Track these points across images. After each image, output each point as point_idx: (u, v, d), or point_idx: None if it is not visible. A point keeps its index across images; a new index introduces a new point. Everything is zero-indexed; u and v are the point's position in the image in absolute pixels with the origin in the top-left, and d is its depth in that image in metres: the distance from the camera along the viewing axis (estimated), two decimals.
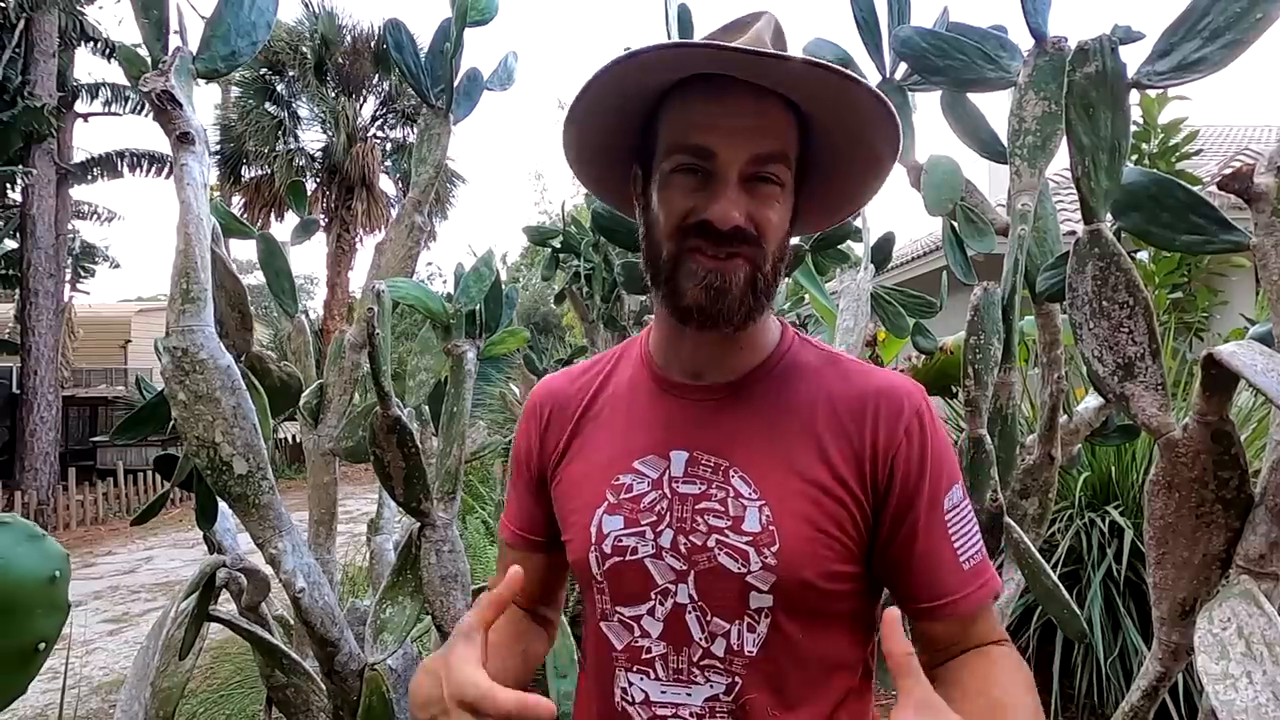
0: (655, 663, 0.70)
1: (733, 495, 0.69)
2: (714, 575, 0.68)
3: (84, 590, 5.98)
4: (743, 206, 0.64)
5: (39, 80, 9.34)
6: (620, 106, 0.69)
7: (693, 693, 0.69)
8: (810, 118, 0.69)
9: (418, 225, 1.54)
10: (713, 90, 0.65)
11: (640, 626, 0.70)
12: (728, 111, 0.64)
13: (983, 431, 1.22)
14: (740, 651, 0.68)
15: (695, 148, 0.65)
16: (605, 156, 0.76)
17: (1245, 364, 0.82)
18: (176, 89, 1.04)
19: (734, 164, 0.64)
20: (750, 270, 0.66)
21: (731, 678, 0.68)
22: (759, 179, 0.65)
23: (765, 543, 0.67)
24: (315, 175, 13.69)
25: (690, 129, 0.65)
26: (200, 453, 1.03)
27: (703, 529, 0.68)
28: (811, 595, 0.67)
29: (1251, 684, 0.77)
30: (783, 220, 0.68)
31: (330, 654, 1.12)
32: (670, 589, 0.69)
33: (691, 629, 0.69)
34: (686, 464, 0.71)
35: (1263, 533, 0.89)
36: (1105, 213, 0.95)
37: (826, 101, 0.66)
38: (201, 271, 1.05)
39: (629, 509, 0.71)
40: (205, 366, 1.03)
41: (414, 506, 1.18)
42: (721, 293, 0.65)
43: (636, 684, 0.70)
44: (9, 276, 10.49)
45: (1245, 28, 0.86)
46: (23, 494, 8.72)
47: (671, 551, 0.69)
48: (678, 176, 0.66)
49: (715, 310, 0.66)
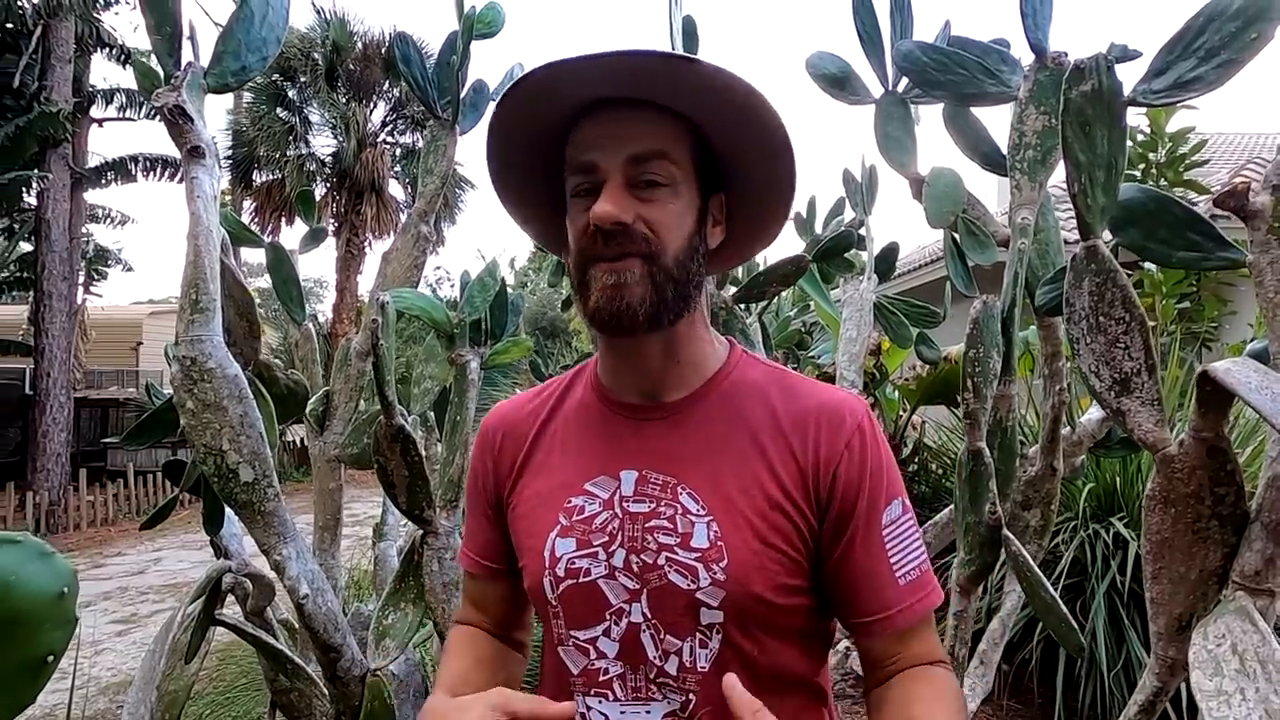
0: (613, 683, 0.70)
1: (681, 512, 0.69)
2: (665, 593, 0.68)
3: (93, 591, 6.03)
4: (627, 206, 0.65)
5: (55, 86, 9.46)
6: (537, 163, 0.73)
7: (651, 710, 0.69)
8: (710, 138, 0.71)
9: (424, 235, 1.56)
10: (596, 114, 0.68)
11: (596, 649, 0.71)
12: (607, 128, 0.67)
13: (981, 444, 1.23)
14: (693, 669, 0.68)
15: (581, 164, 0.68)
16: (542, 211, 0.78)
17: (1240, 381, 0.82)
18: (188, 103, 1.07)
19: (613, 169, 0.66)
20: (645, 267, 0.66)
21: (685, 695, 0.68)
22: (646, 182, 0.66)
23: (714, 558, 0.67)
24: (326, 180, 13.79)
25: (577, 150, 0.68)
26: (207, 460, 1.05)
27: (653, 547, 0.69)
28: (761, 609, 0.67)
29: (1244, 700, 0.77)
30: (680, 219, 0.68)
31: (333, 659, 1.13)
32: (624, 609, 0.69)
33: (646, 648, 0.69)
34: (636, 483, 0.71)
35: (1259, 549, 0.89)
36: (1102, 228, 0.96)
37: (706, 105, 0.67)
38: (211, 282, 1.07)
39: (581, 530, 0.71)
40: (213, 375, 1.04)
41: (417, 514, 1.19)
42: (619, 289, 0.65)
43: (596, 707, 0.70)
44: (23, 279, 10.61)
45: (1240, 47, 0.87)
46: (34, 494, 8.80)
47: (624, 571, 0.69)
48: (575, 200, 0.69)
49: (617, 309, 0.66)
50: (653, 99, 0.67)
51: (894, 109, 1.63)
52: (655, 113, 0.68)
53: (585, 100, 0.68)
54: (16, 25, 9.36)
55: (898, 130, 1.63)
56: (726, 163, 0.73)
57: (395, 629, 1.21)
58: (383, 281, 1.55)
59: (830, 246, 1.81)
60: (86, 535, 8.67)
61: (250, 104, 13.36)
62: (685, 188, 0.69)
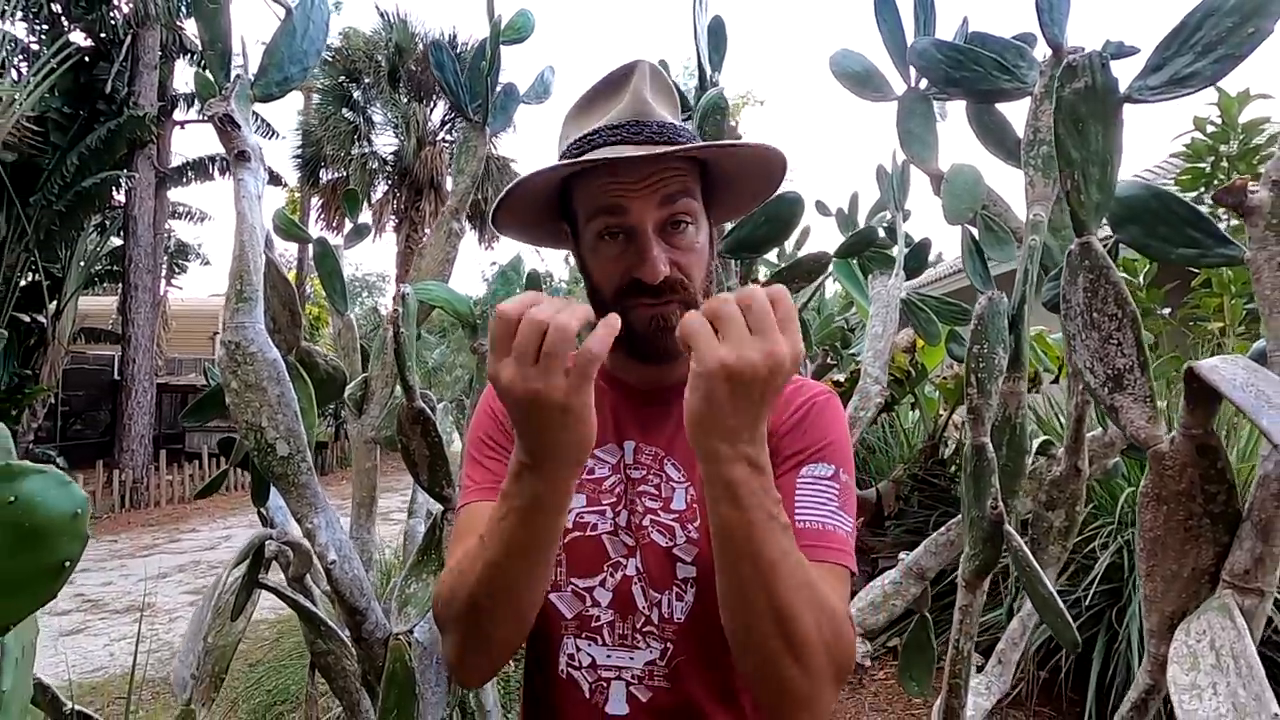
0: (603, 630, 0.77)
1: (665, 480, 0.79)
2: (650, 550, 0.76)
3: (170, 564, 6.46)
4: (665, 259, 0.72)
5: (142, 91, 10.11)
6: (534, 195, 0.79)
7: (635, 657, 0.76)
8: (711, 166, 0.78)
9: (454, 231, 1.65)
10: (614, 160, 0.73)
11: (592, 597, 0.78)
12: (630, 176, 0.73)
13: (985, 440, 1.23)
14: (670, 619, 0.76)
15: (609, 207, 0.73)
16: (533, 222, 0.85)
17: (1224, 378, 0.82)
18: (236, 112, 1.17)
19: (647, 216, 0.72)
20: (684, 311, 0.73)
21: (665, 643, 0.75)
22: (673, 224, 0.74)
23: (689, 519, 0.76)
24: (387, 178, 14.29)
25: (602, 195, 0.74)
26: (249, 435, 1.15)
27: (640, 509, 0.78)
28: None
29: (1215, 695, 0.77)
30: (704, 249, 0.77)
31: (358, 621, 1.23)
32: (621, 563, 0.77)
33: (636, 599, 0.76)
34: (634, 452, 0.80)
35: (1248, 548, 0.89)
36: (1096, 225, 0.96)
37: (714, 154, 0.76)
38: (254, 274, 1.18)
39: (591, 489, 0.79)
40: (255, 359, 1.15)
41: (437, 491, 1.28)
42: (665, 333, 0.73)
43: (584, 649, 0.77)
44: (113, 272, 11.38)
45: (1238, 42, 0.86)
46: (120, 472, 9.46)
47: (626, 529, 0.78)
48: (603, 243, 0.75)
49: (661, 349, 0.75)
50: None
51: (916, 105, 1.63)
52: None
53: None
54: (109, 35, 10.04)
55: (919, 127, 1.63)
56: (721, 180, 0.80)
57: (416, 598, 1.30)
58: (416, 275, 1.65)
59: (853, 243, 1.82)
60: (165, 511, 9.27)
61: (318, 105, 13.96)
62: (700, 215, 0.77)
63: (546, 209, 0.82)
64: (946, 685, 1.37)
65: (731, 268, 1.89)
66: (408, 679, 1.26)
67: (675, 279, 0.73)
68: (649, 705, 0.75)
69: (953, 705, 1.36)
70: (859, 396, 1.94)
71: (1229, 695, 0.76)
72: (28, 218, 9.00)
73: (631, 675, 0.76)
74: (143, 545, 7.35)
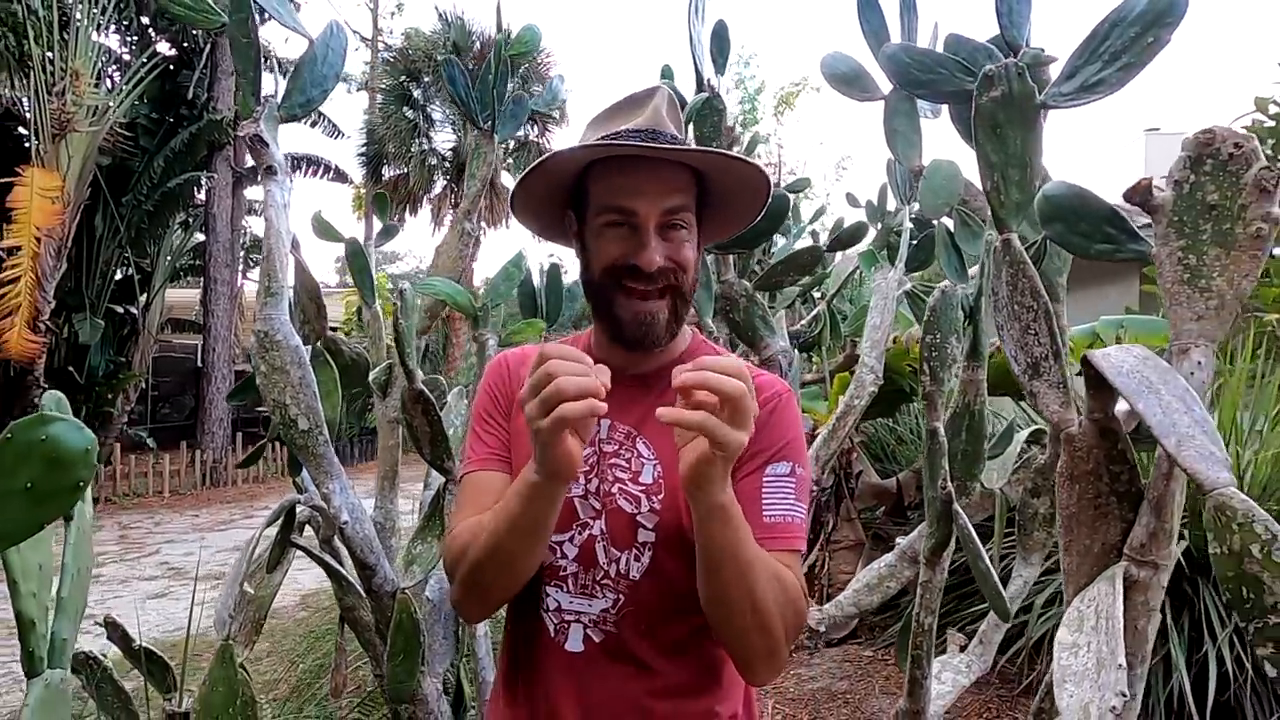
0: (568, 579, 0.90)
1: (635, 455, 0.90)
2: (615, 515, 0.89)
3: (243, 538, 6.96)
4: (662, 251, 0.84)
5: (220, 96, 10.78)
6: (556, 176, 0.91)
7: (592, 604, 0.89)
8: (703, 172, 0.90)
9: (467, 231, 1.81)
10: (628, 163, 0.85)
11: (561, 550, 0.91)
12: (641, 179, 0.85)
13: (938, 424, 1.30)
14: (626, 575, 0.88)
15: (620, 208, 0.85)
16: (546, 208, 0.97)
17: (1112, 365, 0.89)
18: (264, 132, 1.35)
19: (651, 218, 0.84)
20: (673, 302, 0.87)
21: (618, 595, 0.88)
22: (671, 225, 0.86)
23: (654, 491, 0.88)
24: (445, 174, 14.76)
25: (614, 194, 0.86)
26: (275, 411, 1.34)
27: (610, 479, 0.90)
28: (687, 537, 0.83)
29: (1089, 652, 0.85)
30: (694, 251, 0.89)
31: (368, 576, 1.41)
32: (589, 524, 0.90)
33: (598, 555, 0.89)
34: (609, 429, 0.92)
35: (1145, 524, 0.95)
36: (1016, 223, 1.03)
37: (711, 164, 0.87)
38: (280, 272, 1.36)
39: None
40: (280, 345, 1.33)
41: (438, 463, 1.44)
42: (650, 327, 0.86)
43: (552, 594, 0.91)
44: (196, 266, 12.20)
45: (1139, 50, 0.92)
46: (201, 453, 10.19)
47: (595, 495, 0.90)
48: (609, 230, 0.87)
49: (646, 340, 0.87)
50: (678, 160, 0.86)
51: (900, 105, 1.69)
52: (679, 167, 0.87)
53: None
54: (191, 44, 10.75)
55: (903, 125, 1.69)
56: (712, 194, 0.92)
57: (422, 558, 1.47)
58: (434, 270, 1.81)
59: (845, 237, 1.90)
60: (240, 490, 9.95)
61: (381, 105, 14.52)
62: (694, 228, 0.89)
63: (559, 197, 0.94)
64: (910, 657, 1.45)
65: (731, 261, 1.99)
66: (413, 629, 1.43)
67: (668, 268, 0.85)
68: (600, 646, 0.89)
69: (915, 676, 1.44)
70: (855, 385, 2.00)
71: (1094, 651, 0.83)
72: (121, 217, 9.77)
73: (589, 619, 0.89)
74: (220, 520, 7.95)
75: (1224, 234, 0.90)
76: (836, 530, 3.14)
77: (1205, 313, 0.92)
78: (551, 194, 0.94)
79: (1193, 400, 0.86)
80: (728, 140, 1.94)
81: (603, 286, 0.88)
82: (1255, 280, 0.91)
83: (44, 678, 0.74)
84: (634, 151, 0.83)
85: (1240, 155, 0.89)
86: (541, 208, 0.97)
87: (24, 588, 0.70)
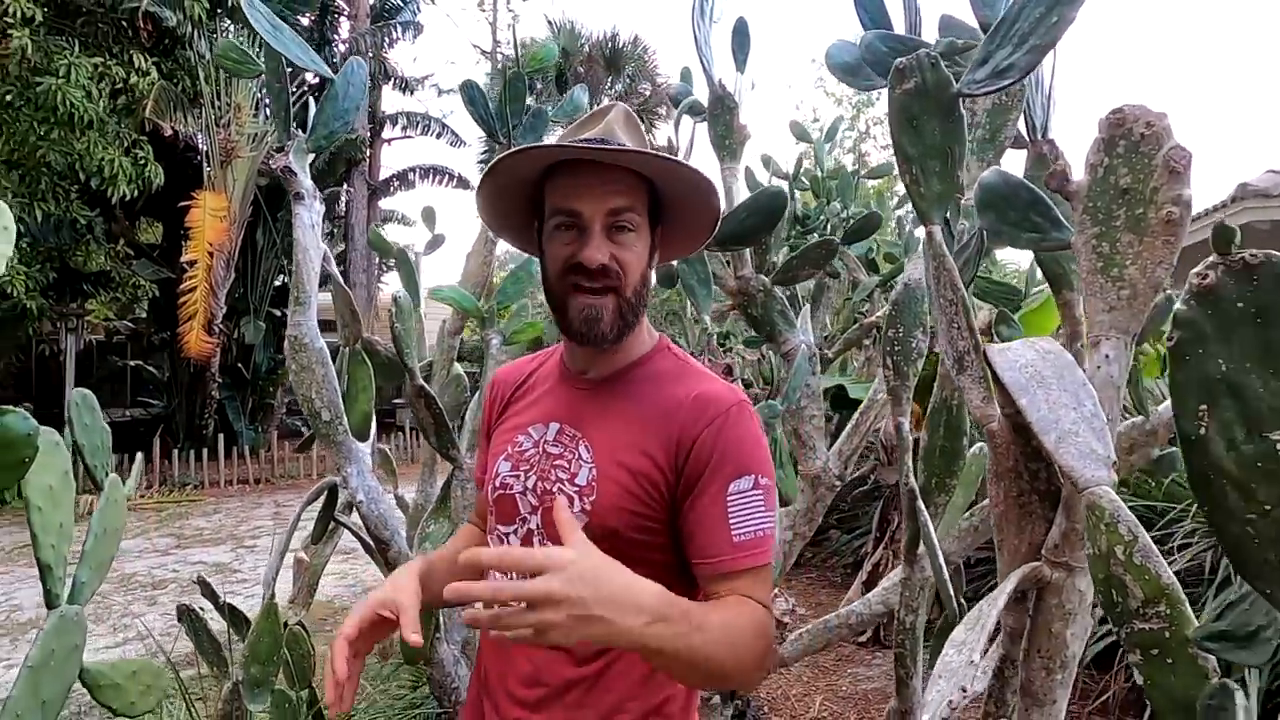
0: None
1: (576, 458, 0.94)
2: (550, 512, 0.91)
3: None
4: (606, 250, 0.88)
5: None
6: (518, 185, 0.98)
7: None
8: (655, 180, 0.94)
9: (491, 239, 1.96)
10: (579, 169, 0.91)
11: (507, 541, 1.00)
12: (588, 183, 0.90)
13: (902, 419, 1.28)
14: None
15: (567, 210, 0.91)
16: (515, 218, 1.05)
17: (1006, 360, 0.88)
18: (293, 163, 1.57)
19: (596, 218, 0.88)
20: (617, 301, 0.90)
21: None
22: (617, 228, 0.90)
23: (587, 493, 0.91)
24: None
25: (564, 197, 0.92)
26: (303, 404, 1.55)
27: (551, 478, 0.96)
28: (620, 542, 0.89)
29: (969, 648, 0.84)
30: (640, 255, 0.91)
31: (384, 549, 1.60)
32: (528, 519, 0.98)
33: (535, 547, 0.97)
34: (556, 433, 0.99)
35: (1059, 523, 0.91)
36: (939, 215, 1.01)
37: (656, 169, 0.91)
38: (308, 284, 1.57)
39: (516, 459, 1.00)
40: (306, 348, 1.54)
41: (445, 451, 1.60)
42: (595, 321, 0.90)
43: (496, 579, 1.01)
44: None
45: (1045, 31, 0.88)
46: None
47: (533, 492, 0.98)
48: (558, 233, 0.94)
49: (592, 334, 0.91)
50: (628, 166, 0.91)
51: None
52: (624, 173, 0.89)
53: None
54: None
55: None
56: (668, 203, 0.97)
57: (433, 535, 1.64)
58: (463, 276, 1.98)
59: (857, 228, 1.87)
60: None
61: None
62: (643, 229, 0.94)
63: (526, 208, 1.01)
64: (894, 656, 1.43)
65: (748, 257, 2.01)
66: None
67: (611, 268, 0.88)
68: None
69: (899, 675, 1.42)
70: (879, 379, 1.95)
71: (970, 648, 0.82)
72: (277, 230, 11.03)
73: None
74: None
75: (1137, 219, 0.85)
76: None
77: (1117, 303, 0.87)
78: (519, 206, 1.01)
79: (1086, 395, 0.82)
80: (741, 138, 1.96)
81: (557, 287, 0.94)
82: (1170, 268, 0.85)
83: (60, 610, 0.95)
84: (574, 154, 0.88)
85: (1152, 135, 0.83)
86: (512, 221, 1.04)
87: (43, 540, 0.91)
